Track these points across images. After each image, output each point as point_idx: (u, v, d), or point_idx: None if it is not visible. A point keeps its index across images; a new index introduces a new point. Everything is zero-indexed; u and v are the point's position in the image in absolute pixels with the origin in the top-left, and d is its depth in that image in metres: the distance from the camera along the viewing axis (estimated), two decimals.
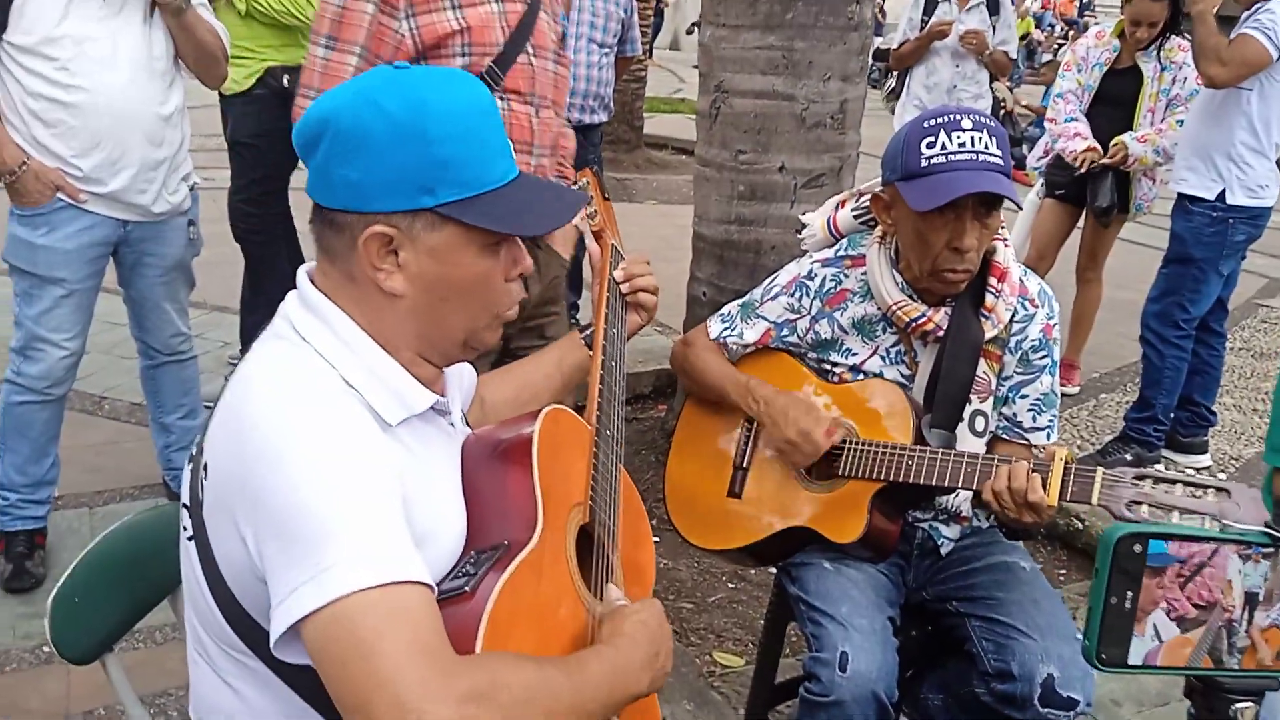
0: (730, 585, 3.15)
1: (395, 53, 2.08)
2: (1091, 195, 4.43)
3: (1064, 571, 3.48)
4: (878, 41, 13.68)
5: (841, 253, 2.00)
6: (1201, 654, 0.93)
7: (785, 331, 2.01)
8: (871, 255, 1.92)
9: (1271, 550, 0.92)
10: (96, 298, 2.87)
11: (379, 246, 1.16)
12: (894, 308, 1.88)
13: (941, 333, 1.87)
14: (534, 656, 1.14)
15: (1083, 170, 4.32)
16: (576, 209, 1.31)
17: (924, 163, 1.76)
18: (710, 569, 3.19)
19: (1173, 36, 4.27)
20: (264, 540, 1.07)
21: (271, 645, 1.06)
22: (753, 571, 3.16)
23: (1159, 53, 4.30)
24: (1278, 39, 3.50)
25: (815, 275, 1.99)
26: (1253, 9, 3.61)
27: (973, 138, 1.74)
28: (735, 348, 2.05)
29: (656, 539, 3.26)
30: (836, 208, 2.06)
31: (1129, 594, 0.91)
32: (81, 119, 2.64)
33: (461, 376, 1.41)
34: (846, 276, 1.96)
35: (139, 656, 2.58)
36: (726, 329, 2.06)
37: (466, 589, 1.14)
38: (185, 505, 1.21)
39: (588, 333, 1.64)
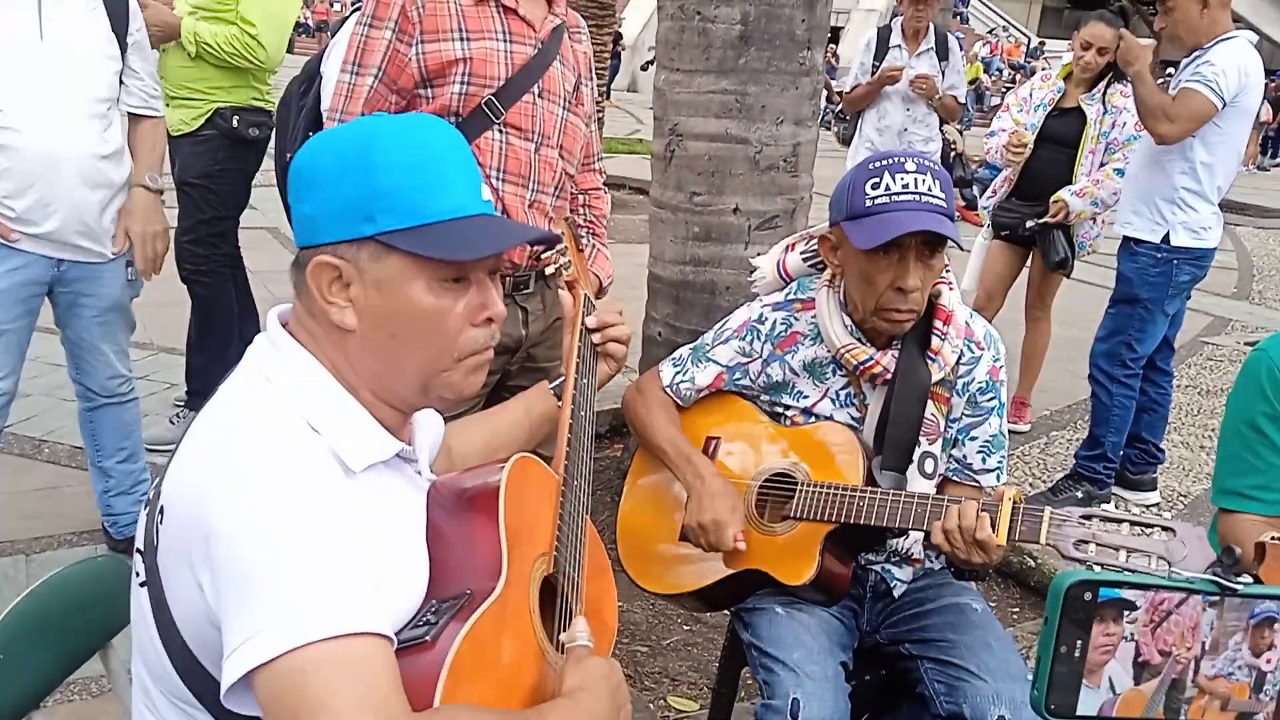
0: (685, 628, 3.12)
1: (402, 75, 2.15)
2: (1044, 252, 4.56)
3: (1017, 610, 3.49)
4: (834, 84, 13.94)
5: (791, 296, 2.01)
6: (1156, 706, 0.92)
7: (738, 375, 2.01)
8: (821, 299, 1.93)
9: (1217, 598, 0.91)
10: (29, 338, 2.80)
11: (328, 279, 1.17)
12: (842, 350, 1.89)
13: (890, 375, 1.88)
14: (492, 709, 1.12)
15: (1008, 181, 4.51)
16: (518, 240, 1.31)
17: (868, 203, 1.78)
18: (665, 611, 3.16)
19: (1115, 82, 4.38)
20: (220, 586, 1.04)
21: (221, 694, 1.03)
22: (708, 614, 3.13)
23: (1103, 96, 4.40)
24: (1220, 90, 3.59)
25: (766, 319, 1.99)
26: (1192, 57, 3.71)
27: (916, 179, 1.77)
28: (688, 392, 2.04)
29: None
30: (786, 250, 2.08)
31: (1078, 642, 0.90)
32: (14, 160, 2.60)
33: (430, 426, 1.39)
34: (797, 320, 1.97)
35: (74, 709, 2.49)
36: (679, 373, 2.05)
37: (427, 638, 1.12)
38: (138, 550, 1.18)
39: (556, 383, 1.64)
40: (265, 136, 3.78)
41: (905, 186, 1.77)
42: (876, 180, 1.79)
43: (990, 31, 31.63)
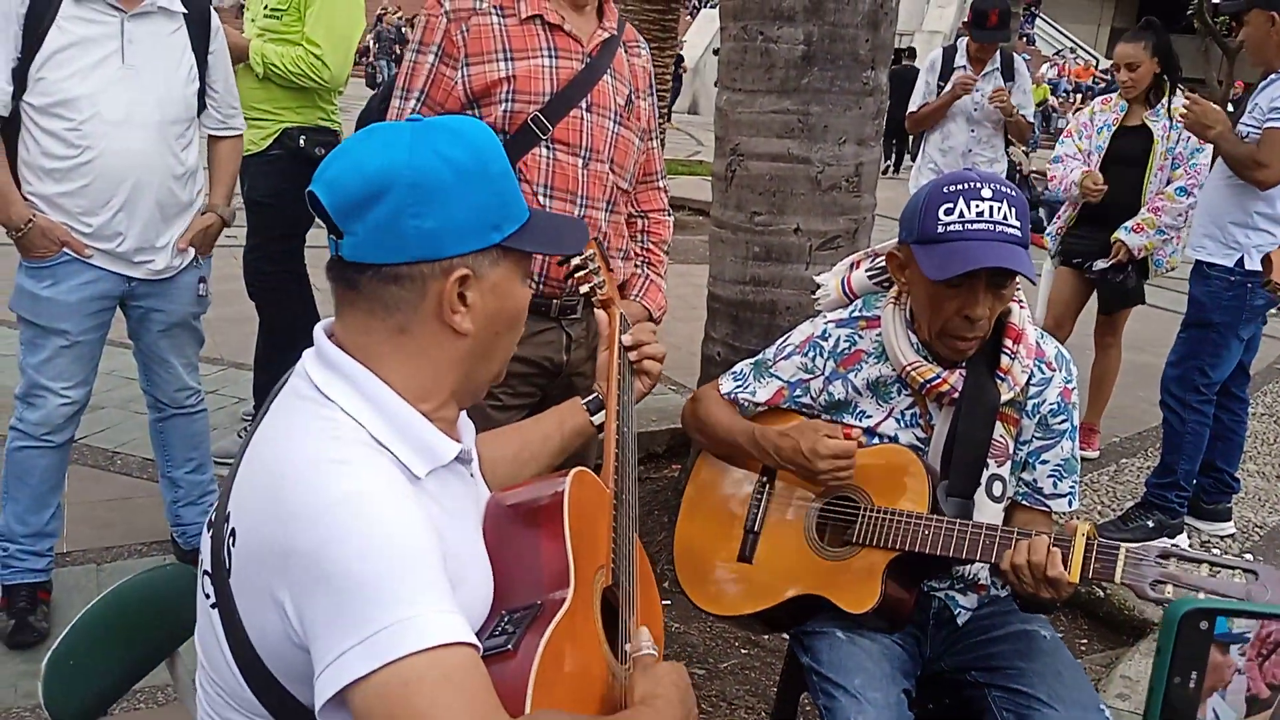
0: (743, 651, 3.08)
1: (449, 98, 2.19)
2: (1104, 296, 4.53)
3: (1085, 641, 3.39)
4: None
5: (856, 313, 1.98)
6: None
7: (799, 391, 1.98)
8: (886, 316, 1.90)
9: None
10: (101, 350, 2.89)
11: (459, 289, 1.19)
12: (909, 369, 1.86)
13: (957, 395, 1.84)
14: (581, 716, 1.14)
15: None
16: (586, 230, 1.41)
17: (940, 229, 1.73)
18: (723, 634, 3.13)
19: (1174, 94, 4.29)
20: (305, 606, 1.05)
21: (317, 711, 1.04)
22: (766, 637, 3.10)
23: (1167, 108, 4.32)
24: None
25: (829, 335, 1.97)
26: (1267, 82, 3.63)
27: (991, 207, 1.71)
28: (747, 405, 2.02)
29: (668, 602, 3.23)
30: (851, 268, 2.05)
31: (1193, 673, 0.86)
32: (91, 179, 2.68)
33: (469, 427, 1.41)
34: (861, 338, 1.94)
35: (139, 717, 2.53)
36: (739, 386, 2.03)
37: (509, 647, 1.13)
38: (206, 571, 1.19)
39: (589, 399, 1.66)
40: None
41: (980, 215, 1.71)
42: (950, 205, 1.73)
43: (1057, 53, 31.21)
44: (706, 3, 26.59)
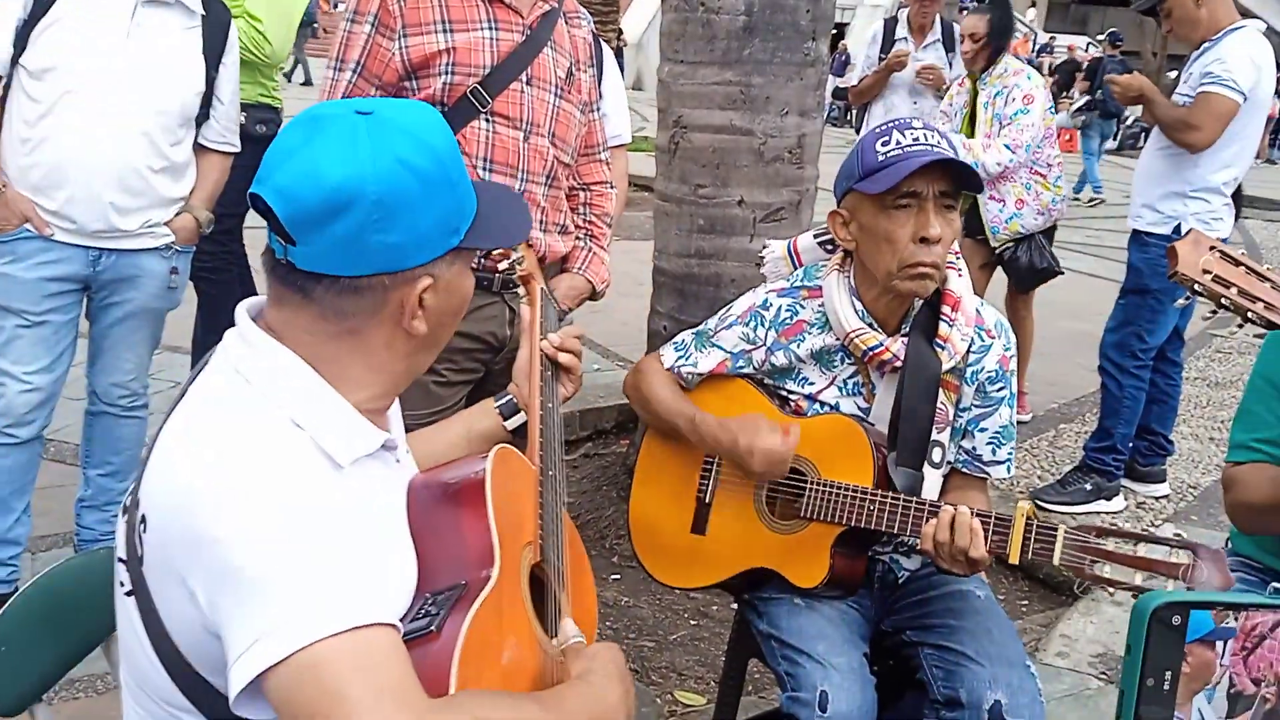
0: (692, 623, 3.10)
1: (386, 69, 2.15)
2: (1025, 271, 4.65)
3: (1026, 602, 3.47)
4: (838, 81, 13.89)
5: (798, 283, 1.99)
6: None
7: (740, 362, 1.99)
8: (830, 284, 1.91)
9: None
10: (70, 338, 2.78)
11: (419, 297, 1.16)
12: (852, 335, 1.87)
13: (899, 363, 1.86)
14: (508, 693, 1.12)
15: None
16: (527, 208, 1.41)
17: (880, 157, 1.77)
18: (672, 606, 3.15)
19: (1004, 58, 4.55)
20: (217, 593, 1.02)
21: (231, 701, 1.01)
22: (715, 608, 3.12)
23: (993, 75, 4.56)
24: (1238, 85, 3.58)
25: (771, 305, 1.97)
26: (1200, 51, 3.69)
27: (925, 134, 1.78)
28: (690, 376, 2.02)
29: (617, 576, 3.25)
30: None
31: (1167, 674, 0.78)
32: (52, 155, 2.59)
33: (397, 417, 1.38)
34: (803, 308, 1.95)
35: (79, 707, 2.48)
36: (681, 357, 2.03)
37: (432, 629, 1.12)
38: (121, 559, 1.15)
39: (501, 402, 1.60)
40: (272, 134, 3.77)
41: (915, 140, 1.77)
42: (886, 138, 1.78)
43: None
44: None
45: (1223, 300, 1.62)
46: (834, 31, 3.67)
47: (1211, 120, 3.61)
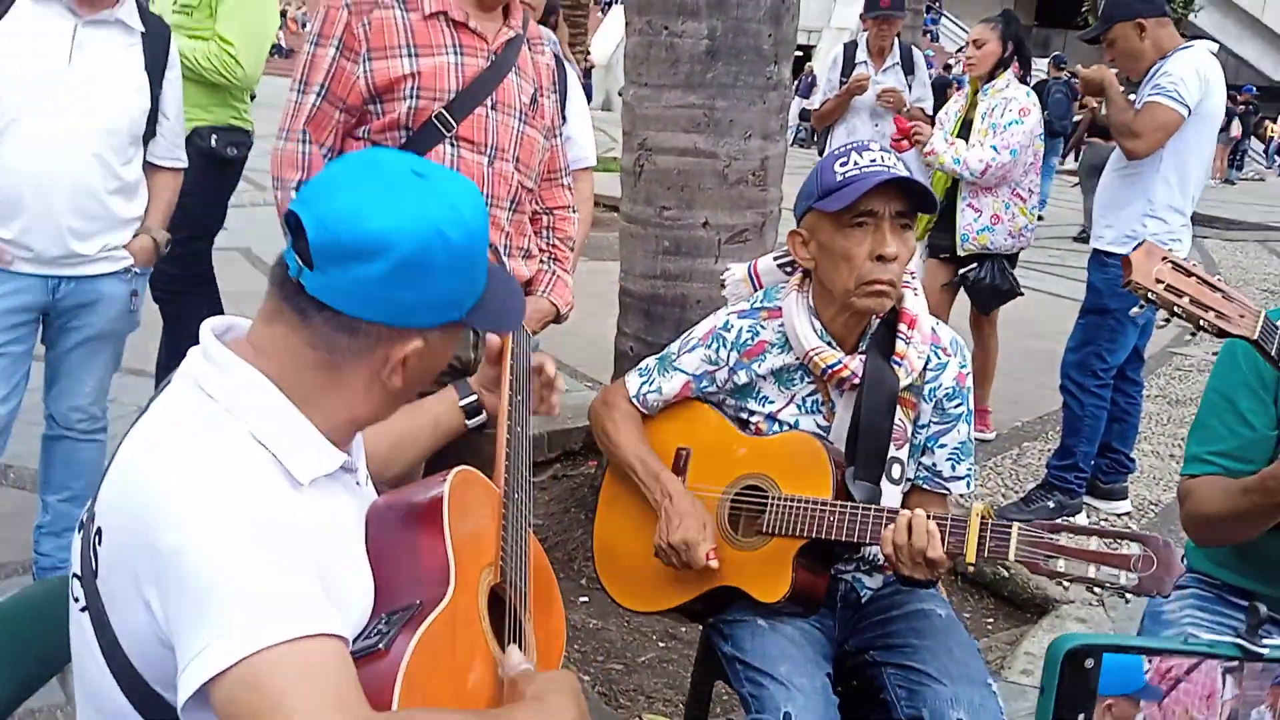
0: (660, 645, 3.10)
1: (350, 92, 2.16)
2: (986, 292, 4.67)
3: (991, 620, 3.49)
4: (804, 103, 14.04)
5: (758, 304, 2.01)
6: None
7: (704, 383, 2.01)
8: (789, 304, 1.94)
9: (1237, 663, 0.81)
10: (25, 368, 2.75)
11: (404, 358, 1.19)
12: (811, 354, 1.89)
13: (857, 380, 1.88)
14: (457, 710, 1.13)
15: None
16: (524, 302, 1.47)
17: (838, 177, 1.81)
18: (640, 628, 3.14)
19: (1006, 71, 4.58)
20: (171, 602, 1.03)
21: (179, 710, 1.02)
22: (683, 630, 3.12)
23: (990, 88, 4.61)
24: (1183, 97, 3.62)
25: (732, 326, 1.99)
26: (1150, 74, 3.75)
27: (881, 156, 1.82)
28: (655, 402, 2.04)
29: (585, 598, 3.24)
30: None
31: (1080, 716, 0.80)
32: (9, 185, 2.56)
33: (359, 440, 1.39)
34: (764, 328, 1.97)
35: None
36: (645, 383, 2.05)
37: (380, 646, 1.12)
38: (76, 575, 1.15)
39: (465, 401, 1.65)
40: (243, 156, 3.77)
41: (873, 161, 1.81)
42: (844, 159, 1.83)
43: (959, 50, 31.99)
44: None
45: (1175, 309, 1.65)
46: (800, 54, 3.71)
47: (1152, 130, 3.66)
